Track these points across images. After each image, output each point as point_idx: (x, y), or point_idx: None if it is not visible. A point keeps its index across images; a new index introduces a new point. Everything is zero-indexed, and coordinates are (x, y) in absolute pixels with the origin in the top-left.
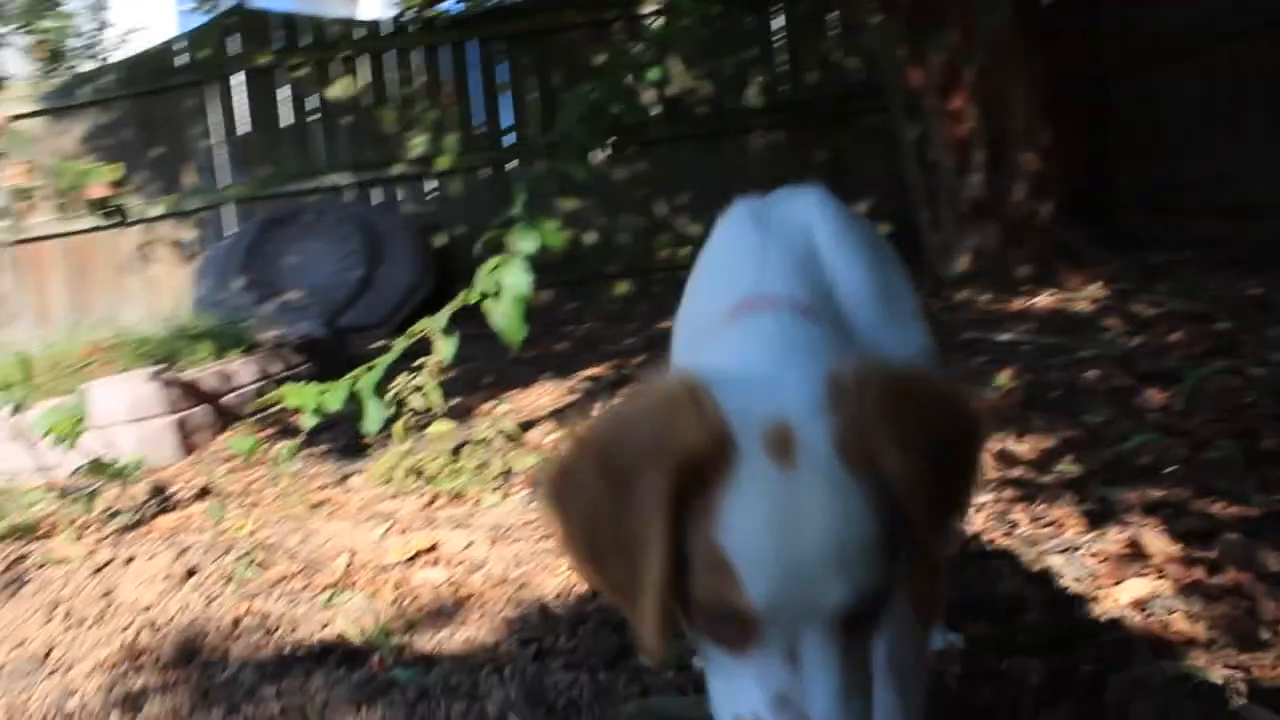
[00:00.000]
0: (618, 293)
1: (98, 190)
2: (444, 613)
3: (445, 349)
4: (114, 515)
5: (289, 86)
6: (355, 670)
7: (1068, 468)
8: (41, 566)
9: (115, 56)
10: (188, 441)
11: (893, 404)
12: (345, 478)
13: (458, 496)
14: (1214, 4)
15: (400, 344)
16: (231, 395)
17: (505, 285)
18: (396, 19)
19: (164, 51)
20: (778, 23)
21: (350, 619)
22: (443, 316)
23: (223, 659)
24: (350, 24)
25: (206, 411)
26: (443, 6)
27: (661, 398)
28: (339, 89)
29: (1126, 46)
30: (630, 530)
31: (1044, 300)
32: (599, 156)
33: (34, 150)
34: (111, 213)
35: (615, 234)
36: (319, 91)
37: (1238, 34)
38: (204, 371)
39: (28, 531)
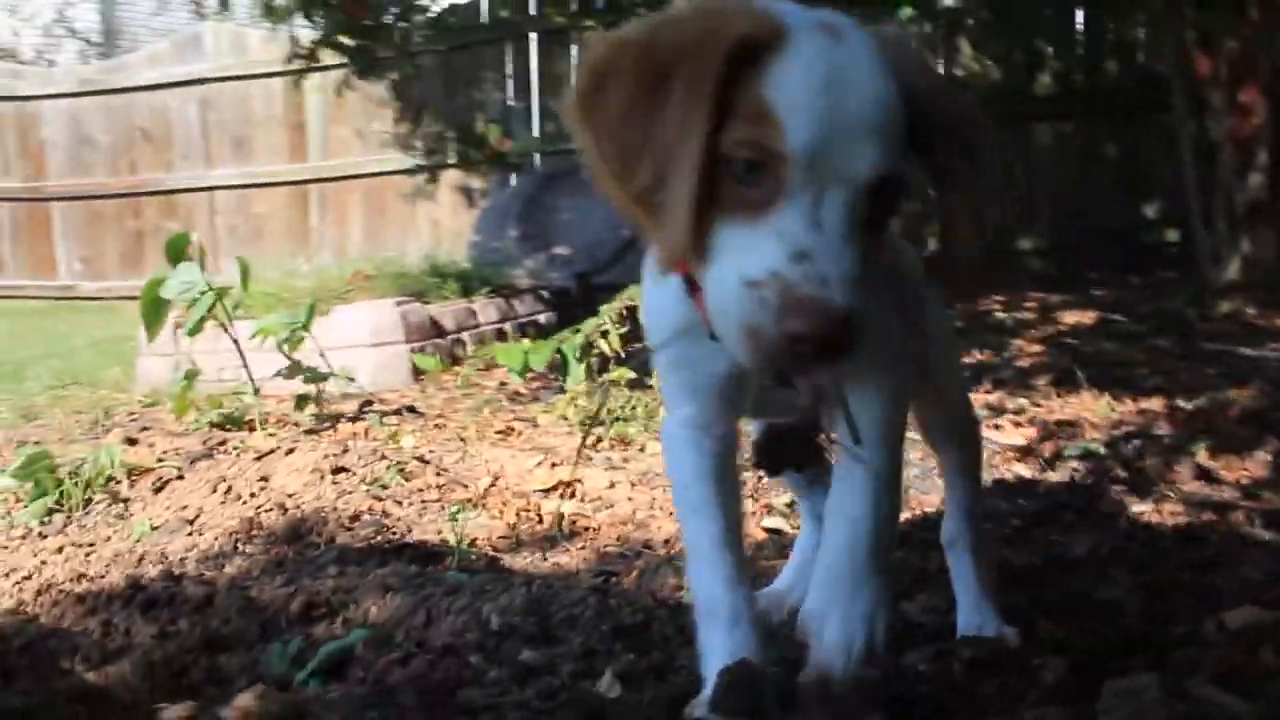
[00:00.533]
0: None
1: (503, 144)
2: (552, 540)
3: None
4: (316, 418)
5: (576, 48)
6: (419, 568)
7: (1256, 488)
8: (232, 451)
9: (429, 11)
10: (420, 370)
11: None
12: (533, 414)
13: (623, 440)
14: None
15: (606, 308)
16: (471, 332)
17: None
18: None
19: (472, 9)
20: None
21: (460, 532)
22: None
23: (323, 544)
24: None
25: (444, 345)
26: None
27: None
28: None
29: None
30: (670, 115)
31: None
32: None
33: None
34: (512, 165)
35: None
36: None
37: None
38: (446, 308)
39: (236, 423)
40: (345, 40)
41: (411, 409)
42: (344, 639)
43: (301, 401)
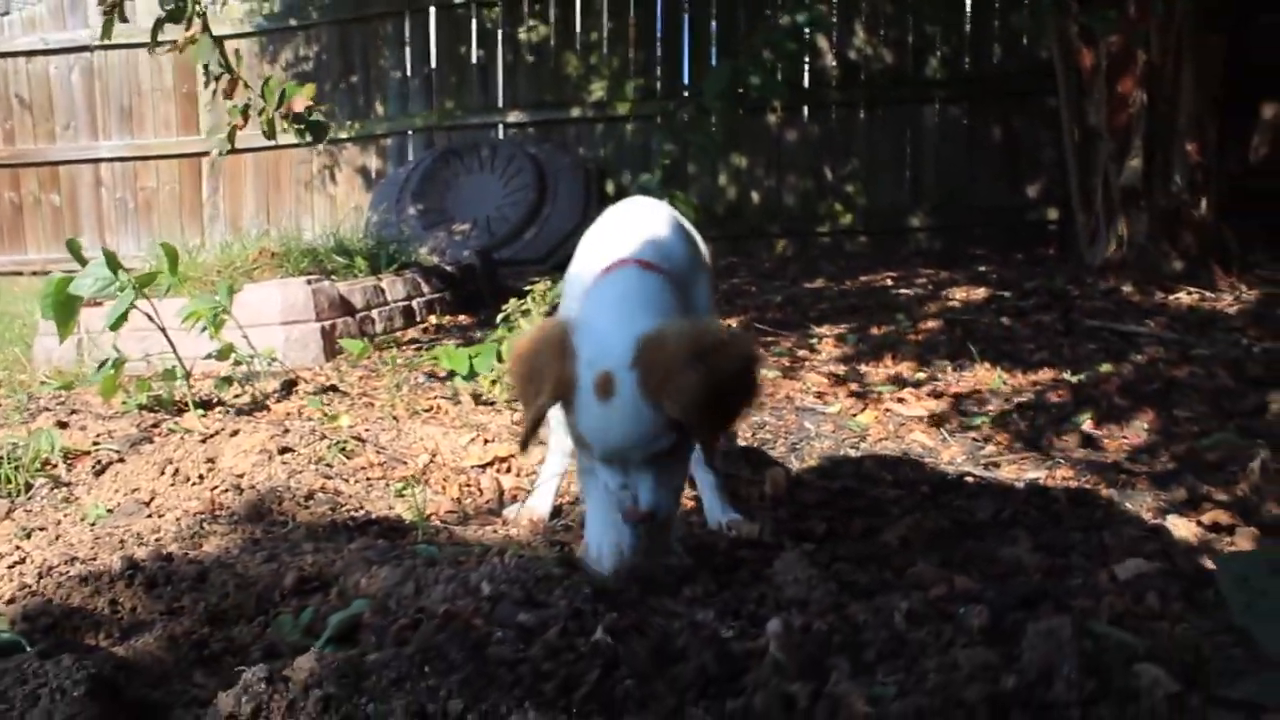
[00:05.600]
0: (776, 252)
1: (299, 104)
2: (496, 512)
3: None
4: (240, 399)
5: (476, 24)
6: (388, 541)
7: (1135, 454)
8: (169, 434)
9: None
10: (332, 348)
11: (681, 356)
12: (458, 392)
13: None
14: None
15: (537, 291)
16: (379, 309)
17: None
18: None
19: None
20: None
21: (410, 506)
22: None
23: (286, 521)
24: None
25: (353, 322)
26: None
27: (550, 335)
28: (527, 29)
29: None
30: (534, 392)
31: (1187, 297)
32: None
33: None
34: (310, 128)
35: (782, 194)
36: (508, 30)
37: None
38: (355, 285)
39: (165, 404)
40: None
41: (334, 388)
42: (348, 609)
43: (224, 383)
